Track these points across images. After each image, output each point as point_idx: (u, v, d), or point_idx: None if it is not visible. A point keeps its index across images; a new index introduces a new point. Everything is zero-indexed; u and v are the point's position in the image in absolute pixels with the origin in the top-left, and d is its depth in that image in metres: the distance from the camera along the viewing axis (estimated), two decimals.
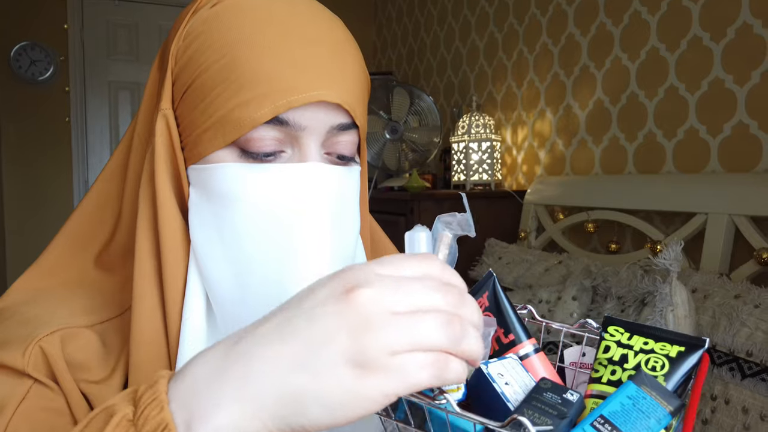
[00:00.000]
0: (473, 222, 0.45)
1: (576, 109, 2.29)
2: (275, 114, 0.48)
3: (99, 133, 3.51)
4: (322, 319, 0.33)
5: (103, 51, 3.49)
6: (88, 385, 0.50)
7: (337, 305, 0.33)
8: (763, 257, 1.50)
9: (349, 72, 0.51)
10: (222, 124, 0.49)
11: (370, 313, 0.33)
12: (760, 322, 1.28)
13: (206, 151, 0.50)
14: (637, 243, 2.01)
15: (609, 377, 0.42)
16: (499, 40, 2.74)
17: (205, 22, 0.51)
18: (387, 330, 0.32)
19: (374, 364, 0.32)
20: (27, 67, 3.24)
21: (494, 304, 0.48)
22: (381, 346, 0.32)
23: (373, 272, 0.35)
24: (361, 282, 0.34)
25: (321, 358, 0.32)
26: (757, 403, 1.23)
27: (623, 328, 0.45)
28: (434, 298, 0.34)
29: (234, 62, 0.48)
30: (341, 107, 0.50)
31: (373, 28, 4.03)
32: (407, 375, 0.32)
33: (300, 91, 0.48)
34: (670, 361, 0.41)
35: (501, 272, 2.12)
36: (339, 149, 0.53)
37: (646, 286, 1.42)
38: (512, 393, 0.40)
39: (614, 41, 2.10)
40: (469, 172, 2.57)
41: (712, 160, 1.77)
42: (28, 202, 3.32)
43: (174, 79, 0.52)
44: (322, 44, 0.50)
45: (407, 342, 0.32)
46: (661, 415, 0.37)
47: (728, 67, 1.72)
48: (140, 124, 0.56)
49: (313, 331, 0.33)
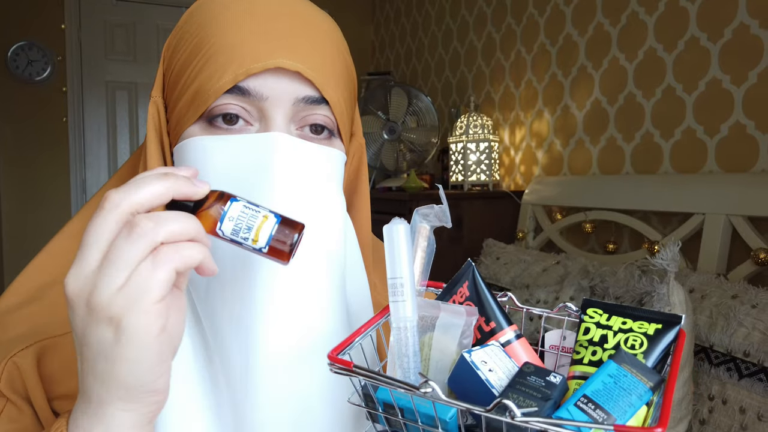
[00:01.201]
0: (449, 214, 0.47)
1: (573, 110, 2.29)
2: (235, 82, 0.48)
3: (96, 133, 3.50)
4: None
5: (101, 51, 3.48)
6: (64, 400, 0.50)
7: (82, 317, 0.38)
8: (761, 257, 1.50)
9: (317, 47, 0.51)
10: (193, 98, 0.50)
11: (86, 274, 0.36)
12: (758, 322, 1.28)
13: (182, 128, 0.51)
14: (634, 243, 2.01)
15: (590, 358, 0.43)
16: (496, 40, 2.74)
17: (189, 14, 0.54)
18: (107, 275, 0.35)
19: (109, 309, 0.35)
20: (24, 66, 3.23)
21: (474, 293, 0.48)
22: (103, 301, 0.35)
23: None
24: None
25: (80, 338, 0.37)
26: (755, 403, 1.23)
27: (602, 310, 0.46)
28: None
29: (202, 40, 0.50)
30: (305, 79, 0.50)
31: (371, 27, 4.03)
32: (142, 293, 0.35)
33: (260, 60, 0.48)
34: (648, 338, 0.43)
35: (499, 272, 2.12)
36: (310, 121, 0.52)
37: (643, 286, 1.42)
38: (496, 379, 0.40)
39: (612, 41, 2.10)
40: (467, 172, 2.57)
41: (710, 161, 1.77)
42: (26, 202, 3.32)
43: (164, 69, 0.54)
44: (288, 17, 0.51)
45: (119, 277, 0.35)
46: (642, 391, 0.37)
47: (725, 68, 1.72)
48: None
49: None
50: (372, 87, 3.31)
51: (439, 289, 0.51)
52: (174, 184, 0.37)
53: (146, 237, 0.35)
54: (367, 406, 0.42)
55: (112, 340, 0.35)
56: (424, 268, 0.48)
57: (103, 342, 0.35)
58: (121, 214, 0.35)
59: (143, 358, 0.36)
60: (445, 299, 0.49)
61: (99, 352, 0.36)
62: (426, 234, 0.48)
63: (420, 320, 0.44)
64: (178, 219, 0.36)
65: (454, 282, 0.49)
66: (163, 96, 0.55)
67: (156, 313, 0.35)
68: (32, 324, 0.51)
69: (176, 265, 0.35)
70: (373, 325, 0.46)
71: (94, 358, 0.36)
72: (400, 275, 0.43)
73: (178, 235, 0.36)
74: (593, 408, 0.36)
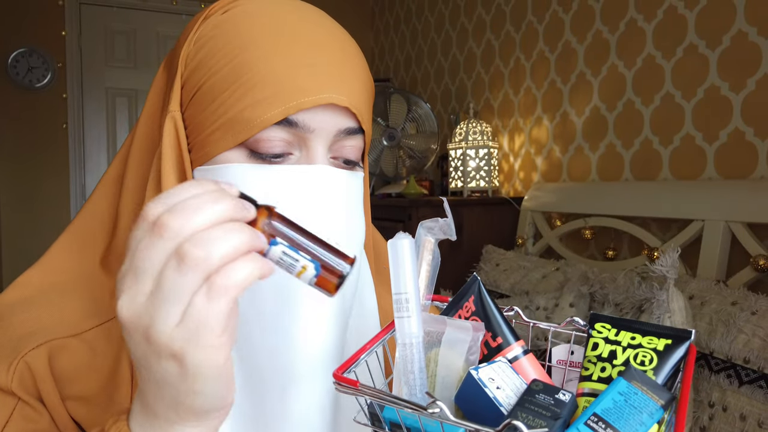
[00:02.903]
0: (455, 227, 0.47)
1: (573, 116, 2.30)
2: (285, 115, 0.48)
3: (96, 139, 3.50)
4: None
5: (101, 58, 3.49)
6: (77, 402, 0.49)
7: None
8: (760, 264, 1.50)
9: (356, 77, 0.52)
10: (231, 124, 0.49)
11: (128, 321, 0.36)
12: (757, 328, 1.28)
13: (214, 152, 0.50)
14: (634, 250, 2.01)
15: (599, 374, 0.42)
16: (496, 48, 2.75)
17: (216, 26, 0.51)
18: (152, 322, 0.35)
19: (170, 340, 0.34)
20: (24, 73, 3.24)
21: (481, 308, 0.48)
22: (164, 328, 0.34)
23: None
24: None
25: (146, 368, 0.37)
26: (755, 410, 1.23)
27: (610, 325, 0.45)
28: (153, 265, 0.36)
29: (244, 64, 0.49)
30: (349, 111, 0.51)
31: (371, 35, 4.04)
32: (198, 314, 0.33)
33: (310, 93, 0.48)
34: (658, 354, 0.42)
35: (498, 279, 2.11)
36: (345, 153, 0.53)
37: (643, 292, 1.42)
38: (504, 397, 0.40)
39: (610, 48, 2.11)
40: (466, 178, 2.58)
41: (709, 167, 1.78)
42: (26, 208, 3.31)
43: (183, 82, 0.52)
44: (330, 49, 0.51)
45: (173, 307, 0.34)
46: (653, 409, 0.37)
47: (724, 75, 1.72)
48: (141, 130, 0.56)
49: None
50: None
51: (444, 303, 0.50)
52: (231, 209, 0.35)
53: (198, 268, 0.32)
54: (373, 425, 0.41)
55: (177, 374, 0.34)
56: (429, 282, 0.48)
57: (169, 375, 0.35)
58: (179, 244, 0.33)
59: (212, 389, 0.35)
60: (451, 314, 0.48)
61: (165, 383, 0.35)
62: (431, 247, 0.48)
63: (426, 335, 0.44)
64: (229, 238, 0.33)
65: (459, 296, 0.49)
66: (180, 110, 0.53)
67: (219, 346, 0.34)
68: (40, 325, 0.51)
69: (234, 294, 0.33)
70: (378, 342, 0.46)
71: (159, 387, 0.36)
72: (405, 291, 0.43)
73: (232, 256, 0.34)
74: (604, 427, 0.36)
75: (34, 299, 0.53)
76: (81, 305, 0.53)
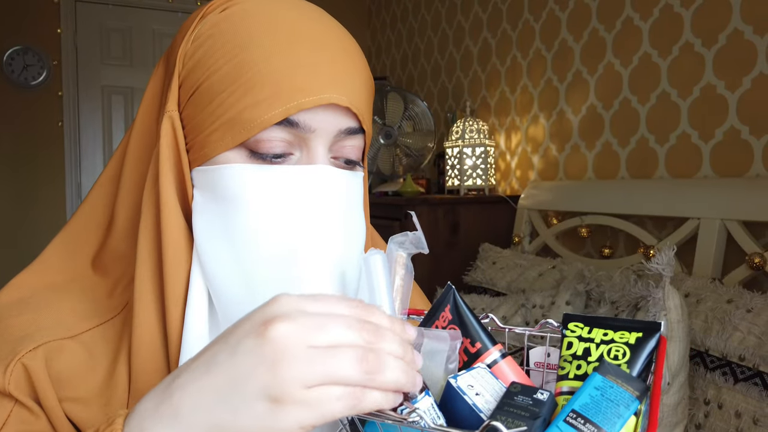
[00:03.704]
0: (425, 239, 0.48)
1: (569, 115, 2.30)
2: (286, 115, 0.48)
3: (92, 137, 3.49)
4: (242, 354, 0.35)
5: (97, 55, 3.48)
6: (74, 404, 0.49)
7: (255, 339, 0.35)
8: (755, 262, 1.51)
9: (357, 76, 0.52)
10: (231, 125, 0.49)
11: (286, 347, 0.34)
12: (753, 326, 1.29)
13: (213, 153, 0.50)
14: (630, 248, 2.01)
15: (575, 372, 0.43)
16: (492, 46, 2.75)
17: (214, 25, 0.51)
18: (301, 364, 0.34)
19: (289, 398, 0.34)
20: (20, 71, 3.22)
21: (456, 316, 0.48)
22: (295, 379, 0.34)
23: (295, 307, 0.36)
24: (280, 315, 0.36)
25: (240, 393, 0.34)
26: (750, 407, 1.23)
27: (582, 323, 0.46)
28: (350, 334, 0.36)
29: (244, 64, 0.48)
30: (350, 111, 0.51)
31: (368, 33, 4.03)
32: (322, 406, 0.34)
33: (311, 93, 0.48)
34: (630, 348, 0.43)
35: (495, 277, 2.12)
36: (345, 153, 0.53)
37: (639, 290, 1.43)
38: (484, 402, 0.40)
39: (607, 47, 2.11)
40: (463, 177, 2.58)
41: (704, 166, 1.78)
42: (21, 206, 3.30)
43: (181, 81, 0.52)
44: (331, 48, 0.51)
45: (321, 375, 0.34)
46: (629, 400, 0.38)
47: (720, 73, 1.73)
48: (138, 129, 0.55)
49: (235, 366, 0.35)
50: None
51: (421, 316, 0.51)
52: (412, 382, 0.37)
53: (368, 374, 0.35)
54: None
55: (265, 413, 0.34)
56: (404, 296, 0.48)
57: (259, 415, 0.34)
58: (365, 351, 0.35)
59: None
60: (428, 325, 0.49)
61: (243, 411, 0.35)
62: (403, 262, 0.48)
63: None
64: (400, 372, 0.36)
65: (435, 307, 0.49)
66: (178, 110, 0.52)
67: (305, 431, 0.35)
68: (37, 326, 0.51)
69: (354, 409, 0.35)
70: None
71: (219, 405, 0.35)
72: (380, 304, 0.44)
73: (389, 386, 0.36)
74: (583, 422, 0.36)
75: (30, 301, 0.53)
76: (77, 306, 0.53)
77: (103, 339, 0.52)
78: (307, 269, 0.49)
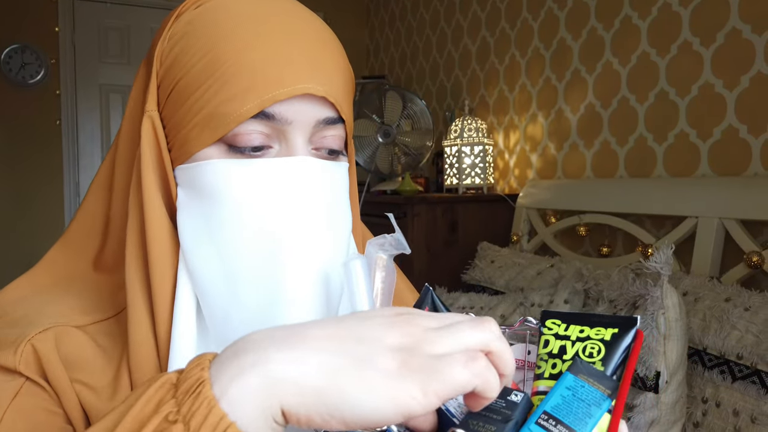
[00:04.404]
0: (405, 239, 0.48)
1: (567, 113, 2.30)
2: (261, 108, 0.48)
3: (90, 136, 3.49)
4: (375, 323, 0.36)
5: (95, 54, 3.47)
6: (84, 387, 0.49)
7: (389, 319, 0.36)
8: (753, 260, 1.51)
9: (333, 66, 0.52)
10: (208, 120, 0.49)
11: (418, 327, 0.35)
12: (750, 324, 1.29)
13: (193, 150, 0.50)
14: (628, 246, 2.01)
15: (550, 371, 0.42)
16: (491, 44, 2.75)
17: (189, 22, 0.51)
18: (432, 337, 0.35)
19: (417, 363, 0.33)
20: (18, 70, 3.22)
21: None
22: (427, 346, 0.34)
23: (421, 321, 0.37)
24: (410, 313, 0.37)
25: (369, 347, 0.34)
26: (748, 406, 1.24)
27: (560, 320, 0.45)
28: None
29: (217, 58, 0.48)
30: (327, 101, 0.50)
31: (366, 31, 4.03)
32: (449, 372, 0.33)
33: (285, 85, 0.48)
34: (606, 344, 0.42)
35: (493, 275, 2.12)
36: (327, 144, 0.53)
37: (637, 289, 1.43)
38: (457, 406, 0.39)
39: (605, 46, 2.11)
40: (461, 175, 2.58)
41: (702, 164, 1.78)
42: (19, 205, 3.30)
43: (159, 81, 0.52)
44: (305, 38, 0.50)
45: (450, 344, 0.35)
46: (600, 399, 0.37)
47: (718, 72, 1.73)
48: (125, 130, 0.55)
49: (365, 329, 0.35)
50: (367, 91, 3.32)
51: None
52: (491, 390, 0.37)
53: (487, 344, 0.36)
54: None
55: (392, 369, 0.33)
56: (384, 298, 0.48)
57: (383, 366, 0.33)
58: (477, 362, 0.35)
59: (383, 406, 0.33)
60: None
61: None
62: (383, 264, 0.48)
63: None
64: (512, 365, 0.37)
65: (414, 307, 0.49)
66: (158, 109, 0.52)
67: (426, 398, 0.34)
68: (44, 315, 0.51)
69: (476, 381, 0.34)
70: None
71: (343, 353, 0.34)
72: (362, 309, 0.44)
73: (504, 362, 0.37)
74: (554, 424, 0.36)
75: (33, 298, 0.53)
76: (79, 303, 0.53)
77: (108, 334, 0.52)
78: (291, 260, 0.48)
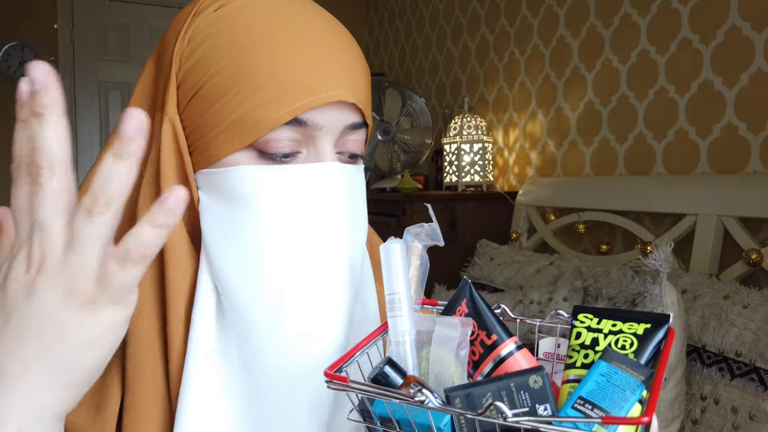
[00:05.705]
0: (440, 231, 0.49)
1: (567, 111, 2.30)
2: (294, 115, 0.48)
3: (89, 133, 3.49)
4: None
5: (93, 51, 3.46)
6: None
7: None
8: (752, 258, 1.51)
9: (358, 70, 0.52)
10: (238, 126, 0.48)
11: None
12: (749, 322, 1.29)
13: (220, 155, 0.50)
14: (627, 244, 2.02)
15: (582, 361, 0.44)
16: (490, 42, 2.74)
17: (211, 24, 0.50)
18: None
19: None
20: (16, 67, 3.21)
21: (473, 310, 0.49)
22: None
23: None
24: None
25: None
26: (746, 403, 1.24)
27: (592, 314, 0.47)
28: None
29: (247, 64, 0.48)
30: (355, 106, 0.51)
31: (365, 29, 4.03)
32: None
33: (318, 92, 0.48)
34: (638, 338, 0.44)
35: (492, 273, 2.12)
36: (350, 147, 0.53)
37: (636, 286, 1.43)
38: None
39: (605, 43, 2.11)
40: (460, 173, 2.58)
41: (702, 162, 1.78)
42: None
43: (179, 82, 0.51)
44: (331, 44, 0.51)
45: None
46: (634, 385, 0.39)
47: (717, 69, 1.73)
48: None
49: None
50: None
51: (435, 307, 0.52)
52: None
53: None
54: (365, 421, 0.42)
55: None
56: (418, 287, 0.49)
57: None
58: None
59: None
60: None
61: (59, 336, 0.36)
62: (418, 253, 0.49)
63: (417, 335, 0.46)
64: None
65: (452, 302, 0.50)
66: (177, 111, 0.52)
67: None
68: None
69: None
70: (371, 341, 0.47)
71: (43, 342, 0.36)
72: (397, 291, 0.46)
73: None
74: (591, 408, 0.37)
75: None
76: None
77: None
78: (321, 264, 0.49)
